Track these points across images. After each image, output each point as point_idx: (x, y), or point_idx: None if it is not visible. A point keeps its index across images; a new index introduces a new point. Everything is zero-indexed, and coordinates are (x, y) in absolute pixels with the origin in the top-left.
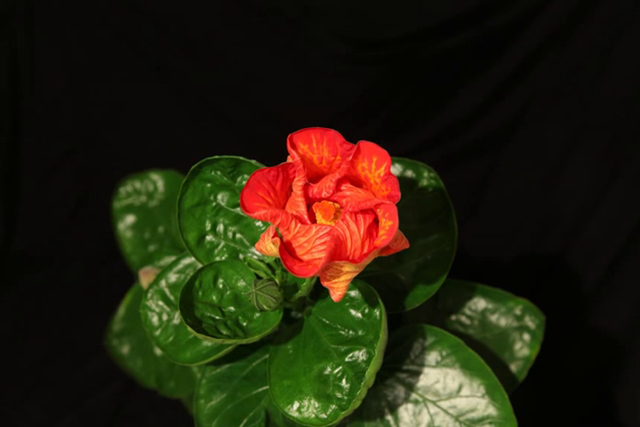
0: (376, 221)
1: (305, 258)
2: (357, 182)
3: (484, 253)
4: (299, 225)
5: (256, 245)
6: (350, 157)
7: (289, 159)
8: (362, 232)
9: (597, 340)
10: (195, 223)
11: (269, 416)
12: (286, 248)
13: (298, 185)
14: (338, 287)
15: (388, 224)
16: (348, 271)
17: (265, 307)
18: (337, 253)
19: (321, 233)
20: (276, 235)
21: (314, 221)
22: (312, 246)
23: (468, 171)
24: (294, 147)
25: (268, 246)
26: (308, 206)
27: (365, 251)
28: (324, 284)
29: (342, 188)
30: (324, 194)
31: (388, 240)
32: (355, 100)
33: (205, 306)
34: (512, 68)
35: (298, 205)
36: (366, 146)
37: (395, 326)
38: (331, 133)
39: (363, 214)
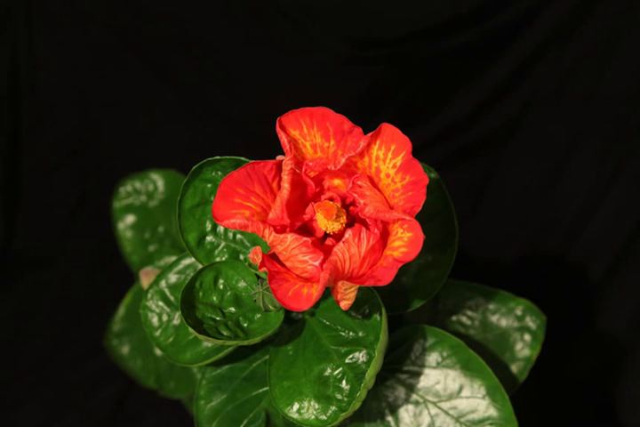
0: (383, 234)
1: (287, 264)
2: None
3: (484, 253)
4: (273, 234)
5: (251, 261)
6: (369, 139)
7: (279, 158)
8: (362, 253)
9: (598, 340)
10: (195, 224)
11: (270, 417)
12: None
13: (286, 170)
14: (348, 297)
15: (407, 236)
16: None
17: (270, 307)
18: (334, 275)
19: (296, 244)
20: (263, 261)
21: (302, 215)
22: (290, 255)
23: (469, 171)
24: (283, 129)
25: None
26: (304, 198)
27: (365, 268)
28: (334, 295)
29: (360, 183)
30: (330, 166)
31: (413, 254)
32: (355, 99)
33: (206, 307)
34: (512, 68)
35: (282, 191)
36: (388, 130)
37: (395, 327)
38: (319, 114)
39: (368, 233)
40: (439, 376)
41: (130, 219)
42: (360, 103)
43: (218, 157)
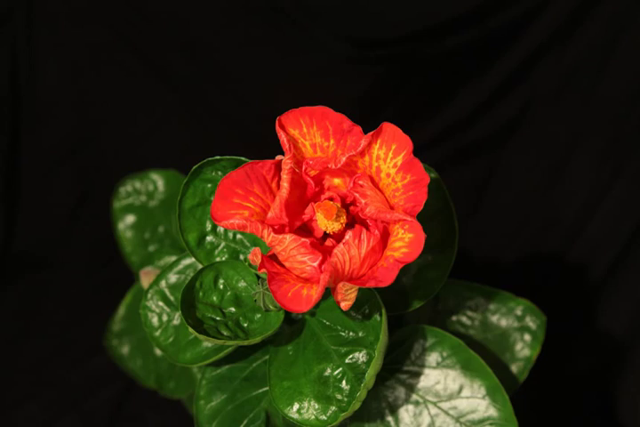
0: (383, 235)
1: (286, 265)
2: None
3: (484, 253)
4: (271, 235)
5: (251, 262)
6: (370, 138)
7: (278, 157)
8: (362, 254)
9: (598, 340)
10: (195, 224)
11: (269, 417)
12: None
13: (285, 169)
14: (349, 298)
15: (408, 236)
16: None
17: (271, 307)
18: (334, 277)
19: (295, 244)
20: (263, 262)
21: (301, 215)
22: (289, 256)
23: (469, 171)
24: (283, 128)
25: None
26: (303, 197)
27: (365, 269)
28: (334, 296)
29: (361, 183)
30: (330, 165)
31: (414, 254)
32: (355, 99)
33: (206, 307)
34: (512, 68)
35: (281, 191)
36: (389, 129)
37: (395, 327)
38: (318, 113)
39: (368, 234)
40: (439, 376)
41: (130, 219)
42: (360, 103)
43: (218, 157)
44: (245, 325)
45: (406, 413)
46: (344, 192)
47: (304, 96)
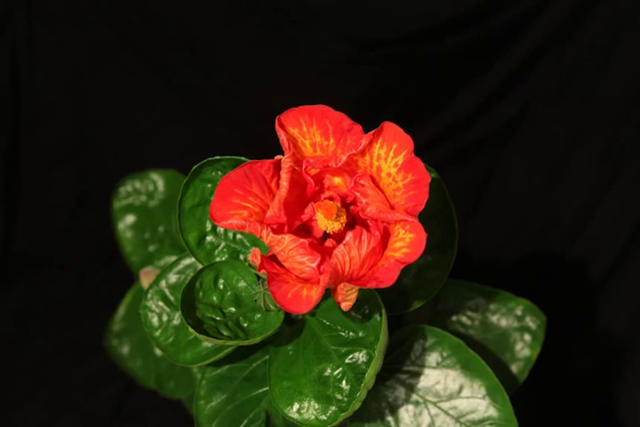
0: (384, 235)
1: (286, 265)
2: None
3: (484, 254)
4: (270, 235)
5: (250, 262)
6: (370, 137)
7: (278, 157)
8: (363, 255)
9: (598, 340)
10: (195, 224)
11: (269, 417)
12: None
13: (285, 168)
14: (350, 299)
15: (409, 237)
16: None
17: (271, 307)
18: (334, 278)
19: (294, 245)
20: (262, 263)
21: (301, 215)
22: (288, 256)
23: (469, 171)
24: (282, 127)
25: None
26: (303, 197)
27: (364, 270)
28: (335, 297)
29: (362, 182)
30: (331, 164)
31: (415, 255)
32: (355, 99)
33: (206, 307)
34: (512, 68)
35: (280, 189)
36: (390, 129)
37: (395, 327)
38: (318, 112)
39: (369, 235)
40: (439, 376)
41: (130, 219)
42: (360, 103)
43: (218, 157)
44: (245, 325)
45: (406, 413)
46: (344, 192)
47: (304, 96)
